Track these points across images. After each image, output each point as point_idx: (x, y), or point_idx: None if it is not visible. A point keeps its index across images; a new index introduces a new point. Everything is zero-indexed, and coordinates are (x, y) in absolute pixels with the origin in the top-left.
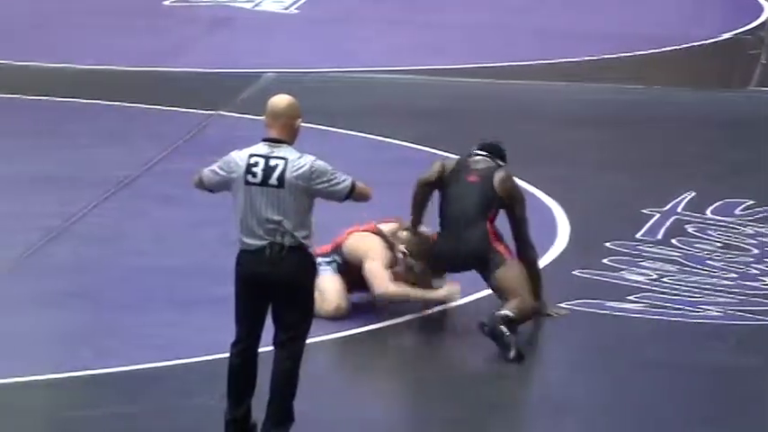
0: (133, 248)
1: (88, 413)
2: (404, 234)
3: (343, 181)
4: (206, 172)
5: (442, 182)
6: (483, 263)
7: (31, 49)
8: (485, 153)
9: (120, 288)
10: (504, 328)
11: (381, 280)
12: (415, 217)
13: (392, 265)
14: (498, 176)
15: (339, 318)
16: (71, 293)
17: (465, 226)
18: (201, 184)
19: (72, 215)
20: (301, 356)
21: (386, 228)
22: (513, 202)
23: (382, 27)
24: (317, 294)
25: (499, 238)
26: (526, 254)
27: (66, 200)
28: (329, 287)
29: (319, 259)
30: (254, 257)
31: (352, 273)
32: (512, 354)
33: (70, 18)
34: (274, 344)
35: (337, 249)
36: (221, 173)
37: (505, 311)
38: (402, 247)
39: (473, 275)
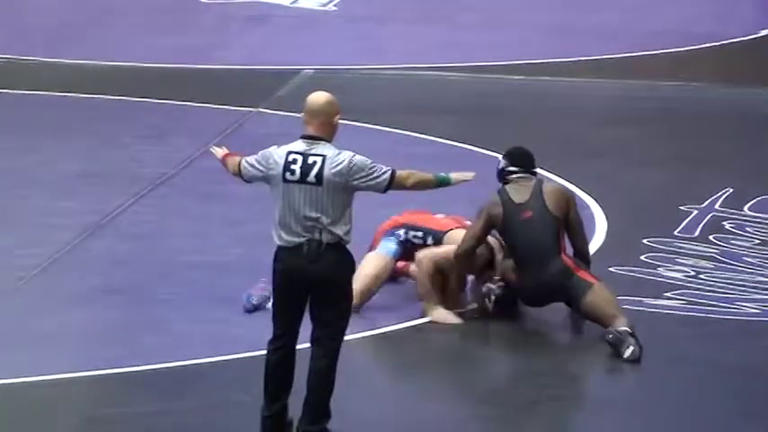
0: (172, 245)
1: (125, 410)
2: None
3: (383, 173)
4: (244, 164)
5: (495, 226)
6: (568, 293)
7: (68, 45)
8: (517, 169)
9: (159, 285)
10: (629, 333)
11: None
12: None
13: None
14: (547, 196)
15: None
16: (109, 290)
17: (542, 261)
18: (238, 173)
19: (111, 212)
20: (338, 354)
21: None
22: (569, 210)
23: (419, 24)
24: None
25: (578, 265)
26: (583, 253)
27: (105, 197)
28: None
29: (403, 231)
30: (292, 254)
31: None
32: (634, 353)
33: (110, 17)
34: (311, 341)
35: (432, 231)
36: (259, 167)
37: (624, 328)
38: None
39: None
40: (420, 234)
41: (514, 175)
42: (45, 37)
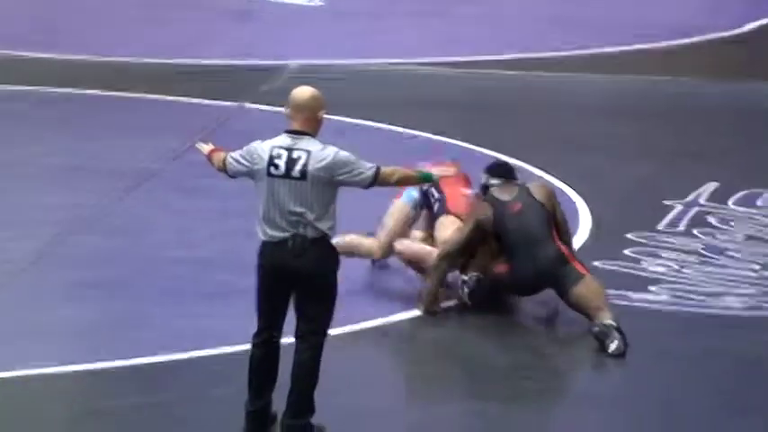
0: (158, 240)
1: (110, 404)
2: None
3: (368, 169)
4: (229, 159)
5: (487, 227)
6: (559, 281)
7: (55, 41)
8: (499, 180)
9: (145, 279)
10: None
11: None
12: (441, 276)
13: None
14: (534, 191)
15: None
16: (96, 284)
17: (537, 247)
18: (223, 169)
19: (98, 206)
20: (322, 348)
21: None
22: (554, 208)
23: (406, 19)
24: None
25: (572, 253)
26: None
27: (92, 191)
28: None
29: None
30: (276, 249)
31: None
32: (618, 347)
33: (96, 13)
34: (296, 336)
35: (444, 202)
36: (244, 162)
37: (610, 322)
38: None
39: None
40: (436, 196)
41: (495, 187)
42: (30, 32)
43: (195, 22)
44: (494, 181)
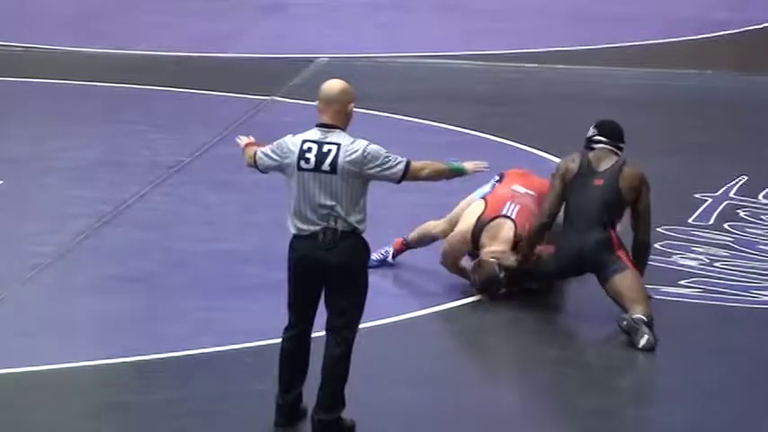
0: (187, 233)
1: (142, 398)
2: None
3: (398, 163)
4: (260, 154)
5: (566, 185)
6: (602, 267)
7: (85, 35)
8: (605, 140)
9: (174, 273)
10: (645, 321)
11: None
12: (534, 241)
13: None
14: (624, 176)
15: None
16: (125, 278)
17: (588, 229)
18: (254, 164)
19: (126, 200)
20: (353, 342)
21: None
22: (639, 194)
23: (435, 12)
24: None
25: (621, 245)
26: (645, 241)
27: (121, 185)
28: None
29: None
30: (307, 243)
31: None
32: (648, 341)
33: (123, 4)
34: (327, 329)
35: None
36: (275, 157)
37: (640, 316)
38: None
39: None
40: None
41: (600, 145)
42: (62, 26)
43: (225, 14)
44: (600, 138)
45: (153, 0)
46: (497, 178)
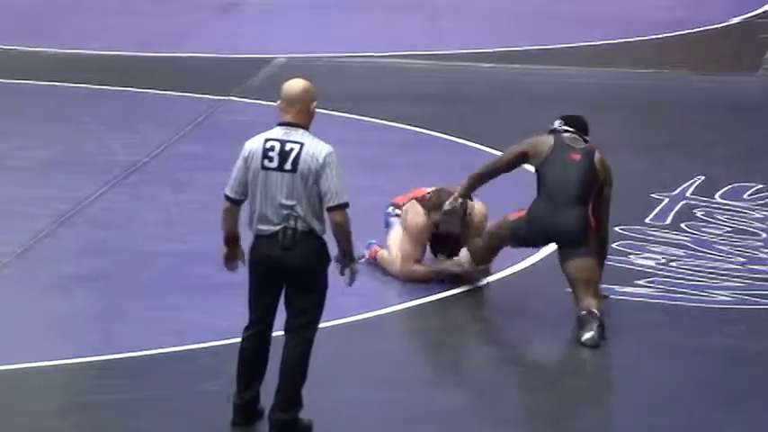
0: (143, 233)
1: (99, 398)
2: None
3: (341, 195)
4: (228, 187)
5: (532, 158)
6: (571, 245)
7: (39, 35)
8: (573, 129)
9: (131, 273)
10: (599, 318)
11: (402, 260)
12: (472, 184)
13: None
14: (598, 158)
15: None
16: (82, 278)
17: (567, 202)
18: (229, 204)
19: (82, 200)
20: (312, 343)
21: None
22: (605, 182)
23: (390, 12)
24: (385, 252)
25: (593, 227)
26: (602, 230)
27: (76, 185)
28: (396, 247)
29: (391, 209)
30: (267, 242)
31: None
32: (594, 338)
33: (77, 3)
34: (286, 330)
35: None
36: (242, 165)
37: (596, 311)
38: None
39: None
40: (399, 212)
41: (568, 134)
42: (15, 26)
43: (181, 14)
44: (567, 128)
45: (108, 0)
46: (394, 211)
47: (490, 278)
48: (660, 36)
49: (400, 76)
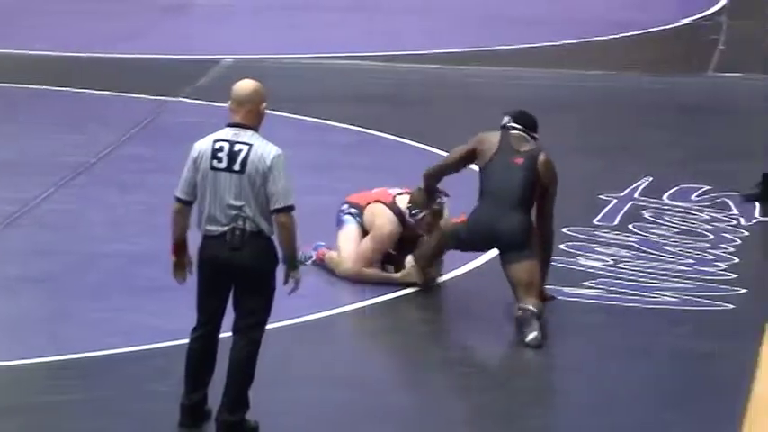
0: (89, 234)
1: (45, 399)
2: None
3: (288, 197)
4: (177, 189)
5: (478, 157)
6: (512, 248)
7: None
8: (520, 127)
9: (78, 274)
10: (537, 315)
11: (356, 260)
12: (430, 184)
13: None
14: (541, 160)
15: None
16: (28, 279)
17: (509, 206)
18: (180, 205)
19: (28, 201)
20: (260, 344)
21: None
22: (550, 184)
23: (340, 13)
24: (333, 253)
25: (535, 229)
26: (546, 229)
27: (22, 186)
28: (346, 246)
29: (345, 206)
30: (216, 242)
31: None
32: (536, 338)
33: (22, 3)
34: (233, 331)
35: (361, 210)
36: (191, 166)
37: (532, 308)
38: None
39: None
40: (355, 211)
41: (515, 132)
42: None
43: (128, 15)
44: (514, 125)
45: (56, 0)
46: (348, 209)
47: (439, 279)
48: (610, 37)
49: (347, 78)
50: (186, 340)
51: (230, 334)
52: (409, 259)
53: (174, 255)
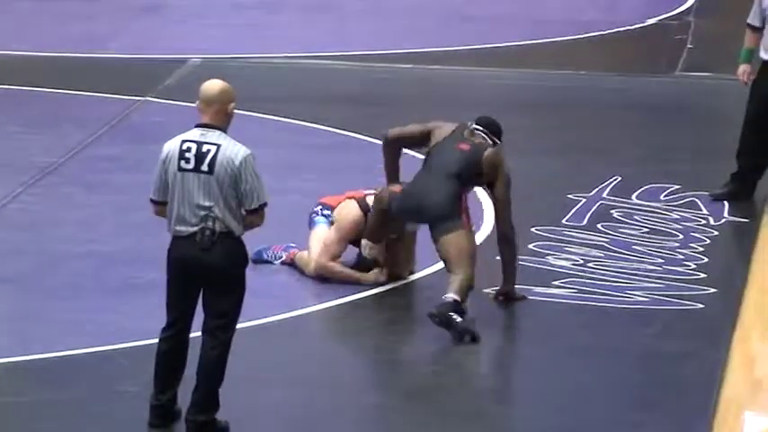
0: (59, 234)
1: (11, 400)
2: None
3: (263, 196)
4: (152, 186)
5: (430, 140)
6: (440, 220)
7: None
8: (481, 129)
9: (46, 274)
10: (454, 316)
11: (320, 252)
12: (391, 174)
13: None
14: (487, 153)
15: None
16: None
17: (440, 180)
18: (156, 204)
19: None
20: (230, 344)
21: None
22: (496, 180)
23: (309, 12)
24: (304, 253)
25: (466, 210)
26: (506, 235)
27: None
28: (316, 246)
29: (318, 208)
30: (185, 243)
31: None
32: (467, 338)
33: None
34: (203, 331)
35: (332, 210)
36: (161, 169)
37: (452, 296)
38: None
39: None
40: (327, 212)
41: (475, 130)
42: None
43: (98, 15)
44: (476, 126)
45: (26, 2)
46: (322, 211)
47: (410, 278)
48: (576, 37)
49: (316, 77)
50: (155, 340)
51: (200, 334)
52: (364, 242)
53: None
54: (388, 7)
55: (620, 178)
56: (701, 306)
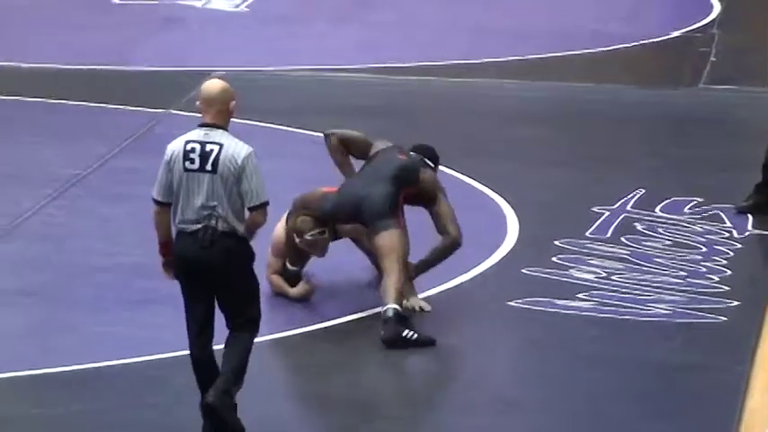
0: (83, 247)
1: (38, 411)
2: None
3: (261, 194)
4: (156, 186)
5: (367, 154)
6: (375, 218)
7: None
8: (415, 154)
9: (70, 287)
10: (404, 333)
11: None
12: (345, 167)
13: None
14: (427, 172)
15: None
16: (20, 292)
17: (378, 181)
18: (158, 207)
19: (21, 214)
20: (254, 338)
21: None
22: (436, 197)
23: (331, 25)
24: None
25: (402, 214)
26: (459, 243)
27: (15, 198)
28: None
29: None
30: (188, 241)
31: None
32: (428, 344)
33: (16, 15)
34: (229, 329)
35: None
36: (165, 170)
37: (390, 307)
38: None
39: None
40: None
41: (413, 154)
42: None
43: (122, 27)
44: (412, 152)
45: (46, 10)
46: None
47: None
48: (599, 50)
49: (339, 90)
50: (181, 352)
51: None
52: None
53: (161, 254)
54: (406, 20)
55: (643, 191)
56: (724, 319)
